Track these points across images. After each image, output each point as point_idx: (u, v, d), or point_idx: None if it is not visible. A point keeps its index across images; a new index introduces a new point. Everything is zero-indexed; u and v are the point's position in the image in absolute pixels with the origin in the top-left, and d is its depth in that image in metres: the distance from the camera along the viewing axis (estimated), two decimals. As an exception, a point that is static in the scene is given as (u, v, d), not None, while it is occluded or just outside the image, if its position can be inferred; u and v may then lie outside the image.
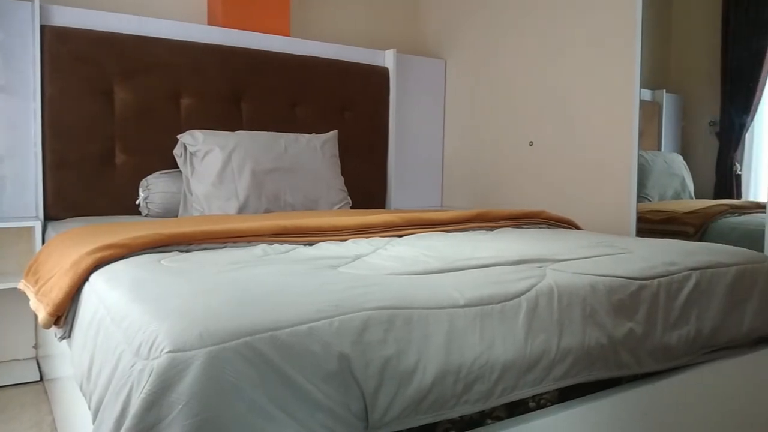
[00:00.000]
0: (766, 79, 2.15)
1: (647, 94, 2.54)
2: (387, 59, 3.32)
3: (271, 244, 1.57)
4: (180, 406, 0.79)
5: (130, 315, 0.98)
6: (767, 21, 2.10)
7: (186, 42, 2.68)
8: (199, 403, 0.79)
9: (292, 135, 2.77)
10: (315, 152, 2.76)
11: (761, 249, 2.09)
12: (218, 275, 1.18)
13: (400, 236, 1.79)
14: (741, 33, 2.24)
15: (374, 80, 3.25)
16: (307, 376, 0.88)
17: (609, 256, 1.50)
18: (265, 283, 1.11)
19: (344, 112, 3.18)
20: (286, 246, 1.56)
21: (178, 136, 2.57)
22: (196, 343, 0.83)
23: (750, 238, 2.15)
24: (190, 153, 2.51)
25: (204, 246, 1.51)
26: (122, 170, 2.55)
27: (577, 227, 2.24)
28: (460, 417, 1.08)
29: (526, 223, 2.12)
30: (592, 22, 2.71)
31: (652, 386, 1.33)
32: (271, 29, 2.95)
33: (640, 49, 2.50)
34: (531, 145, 3.02)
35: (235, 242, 1.56)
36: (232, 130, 2.74)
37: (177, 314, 0.91)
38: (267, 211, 2.53)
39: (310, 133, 2.89)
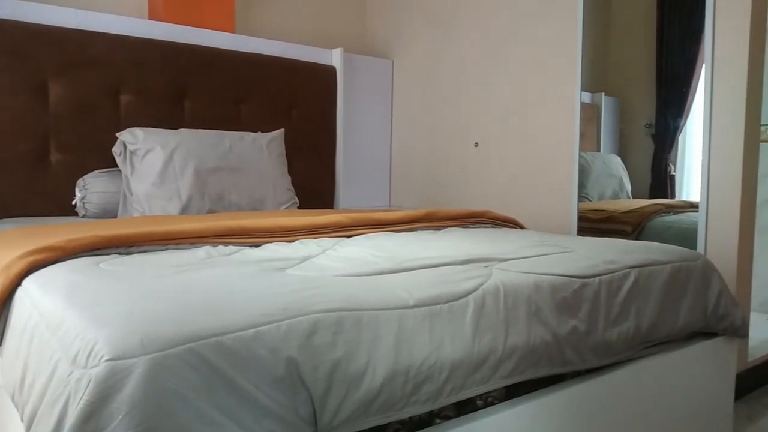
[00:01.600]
0: (698, 84, 2.25)
1: (587, 97, 2.62)
2: (334, 58, 3.30)
3: (216, 246, 1.53)
4: (120, 416, 0.76)
5: (67, 321, 0.94)
6: (699, 29, 2.19)
7: (126, 37, 2.59)
8: (141, 413, 0.76)
9: (237, 133, 2.71)
10: (261, 151, 2.72)
11: (694, 247, 2.19)
12: (160, 279, 1.15)
13: (349, 236, 1.78)
14: (675, 40, 2.34)
15: (321, 79, 3.23)
16: (253, 381, 0.87)
17: (552, 255, 1.54)
18: (210, 286, 1.09)
19: (291, 111, 3.14)
20: (231, 248, 1.53)
21: (118, 134, 2.48)
22: (137, 350, 0.80)
23: (684, 236, 2.25)
24: (130, 151, 2.43)
25: (145, 248, 1.46)
26: (57, 169, 2.44)
27: (520, 226, 2.28)
28: (410, 418, 1.09)
29: (472, 223, 2.15)
30: (535, 27, 2.77)
31: (595, 381, 1.37)
32: (214, 25, 2.89)
33: (581, 53, 2.57)
34: (476, 145, 3.07)
35: (177, 244, 1.52)
36: (174, 128, 2.66)
37: (116, 320, 0.88)
38: (211, 211, 2.47)
39: (256, 132, 2.85)
